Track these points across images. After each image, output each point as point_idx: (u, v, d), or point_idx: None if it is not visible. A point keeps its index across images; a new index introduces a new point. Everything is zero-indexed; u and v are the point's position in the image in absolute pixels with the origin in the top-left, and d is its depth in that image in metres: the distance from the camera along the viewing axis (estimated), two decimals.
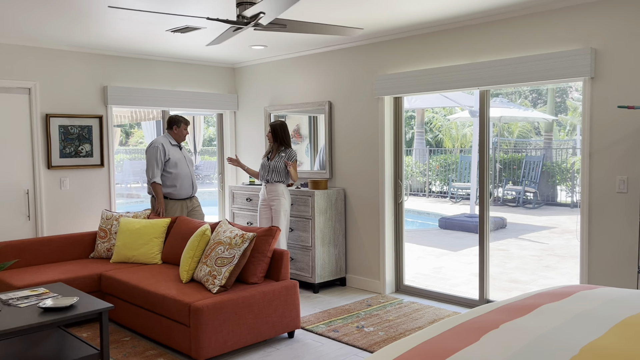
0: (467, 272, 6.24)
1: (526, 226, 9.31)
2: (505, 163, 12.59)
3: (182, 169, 5.11)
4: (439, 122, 16.25)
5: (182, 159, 5.16)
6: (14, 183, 4.93)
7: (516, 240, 8.14)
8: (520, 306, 1.99)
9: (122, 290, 4.06)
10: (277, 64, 6.03)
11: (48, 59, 5.09)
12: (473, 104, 9.27)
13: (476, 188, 9.50)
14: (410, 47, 4.81)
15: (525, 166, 11.90)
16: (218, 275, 3.65)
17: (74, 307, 3.23)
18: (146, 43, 5.11)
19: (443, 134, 16.24)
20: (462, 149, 14.68)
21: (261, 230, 3.95)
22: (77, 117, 5.26)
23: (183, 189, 5.12)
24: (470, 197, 10.07)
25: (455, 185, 12.51)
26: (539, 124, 14.75)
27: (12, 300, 3.36)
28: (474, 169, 9.27)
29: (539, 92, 16.39)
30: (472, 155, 10.39)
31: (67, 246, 4.77)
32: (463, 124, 15.40)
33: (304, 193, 5.17)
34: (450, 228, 9.02)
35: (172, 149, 5.12)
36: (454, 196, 12.43)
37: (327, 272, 5.23)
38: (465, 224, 8.84)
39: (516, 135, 15.08)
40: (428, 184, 13.48)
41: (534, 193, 11.46)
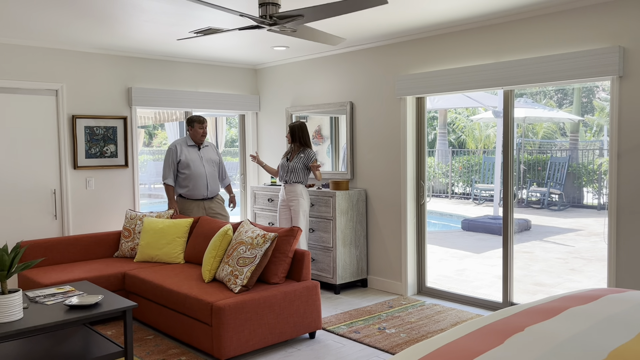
0: (491, 275, 6.15)
1: (551, 228, 9.15)
2: (529, 164, 12.40)
3: (196, 170, 5.12)
4: (461, 122, 16.09)
5: (197, 159, 5.16)
6: (41, 183, 5.04)
7: (541, 243, 8.01)
8: (545, 309, 1.95)
9: (145, 289, 4.11)
10: (299, 64, 6.04)
11: (74, 61, 5.19)
12: (497, 105, 9.15)
13: (500, 189, 9.38)
14: (433, 46, 4.77)
15: (550, 167, 11.70)
16: (240, 275, 3.67)
17: (99, 305, 3.28)
18: (169, 45, 5.17)
19: (466, 135, 16.07)
20: (485, 150, 14.50)
21: (282, 230, 3.96)
22: (102, 118, 5.35)
23: (196, 190, 5.14)
24: (493, 198, 9.93)
25: (479, 186, 12.37)
26: (565, 124, 14.50)
27: (39, 298, 3.43)
28: (497, 170, 9.15)
29: (565, 92, 16.11)
30: (495, 157, 10.25)
31: (92, 245, 4.85)
32: (486, 125, 15.22)
33: (325, 194, 5.17)
34: (473, 230, 8.91)
35: (188, 150, 5.15)
36: (477, 198, 12.29)
37: (348, 273, 5.22)
38: (489, 226, 8.73)
39: (541, 136, 14.85)
40: (450, 185, 13.35)
41: (560, 195, 11.26)
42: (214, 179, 5.24)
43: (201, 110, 6.14)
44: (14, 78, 4.84)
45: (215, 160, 5.31)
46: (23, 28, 4.41)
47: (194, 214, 5.15)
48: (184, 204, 5.18)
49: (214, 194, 5.25)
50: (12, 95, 4.86)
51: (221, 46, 5.29)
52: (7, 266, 2.96)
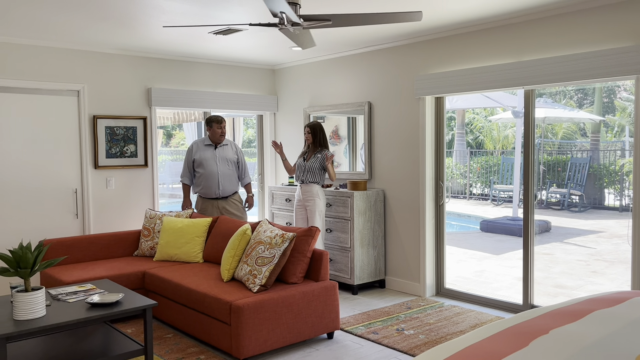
0: (510, 276, 6.08)
1: (572, 230, 9.02)
2: (549, 165, 12.24)
3: (209, 169, 5.15)
4: (479, 123, 15.95)
5: (211, 158, 5.18)
6: (63, 182, 5.11)
7: (561, 245, 7.89)
8: (570, 311, 1.92)
9: (164, 287, 4.14)
10: (317, 65, 6.04)
11: (96, 62, 5.25)
12: (516, 105, 9.04)
13: (519, 190, 9.27)
14: (452, 46, 4.73)
15: (570, 168, 11.54)
16: (258, 274, 3.68)
17: (120, 304, 3.31)
18: (188, 45, 5.21)
19: (484, 135, 15.93)
20: (503, 151, 14.35)
21: (301, 230, 3.96)
22: (122, 119, 5.41)
23: (209, 189, 5.17)
24: (512, 199, 9.82)
25: (497, 187, 12.24)
26: (585, 124, 14.29)
27: (62, 296, 3.47)
28: (516, 171, 9.04)
29: (585, 92, 15.87)
30: (514, 157, 10.14)
31: (112, 244, 4.91)
32: (505, 125, 15.06)
33: (343, 194, 5.16)
34: (492, 231, 8.82)
35: (203, 149, 5.19)
36: (496, 199, 12.17)
37: (366, 273, 5.20)
38: (508, 227, 8.63)
39: (560, 136, 14.65)
40: (469, 186, 13.24)
41: (580, 196, 11.10)
42: (227, 179, 5.22)
43: (219, 111, 6.17)
44: (37, 79, 4.91)
45: (233, 159, 5.31)
46: (46, 30, 4.48)
47: (209, 213, 5.19)
48: (201, 202, 5.23)
49: (226, 193, 5.25)
50: (35, 95, 4.94)
51: (239, 47, 5.31)
52: (30, 264, 3.01)
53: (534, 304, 4.44)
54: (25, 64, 4.86)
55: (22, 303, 2.99)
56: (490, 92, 5.60)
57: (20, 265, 3.00)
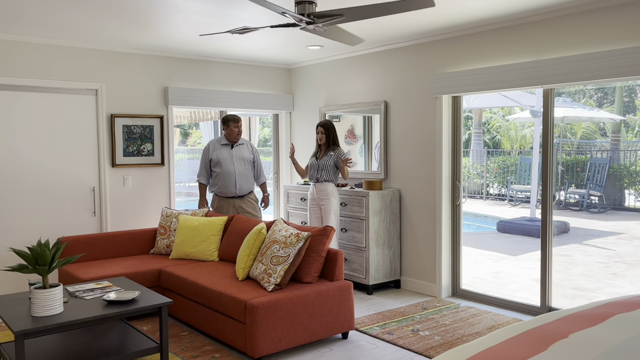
0: (528, 278, 6.01)
1: (591, 231, 8.88)
2: (567, 165, 12.08)
3: (226, 168, 5.18)
4: (497, 122, 15.79)
5: (229, 158, 5.21)
6: (81, 180, 5.16)
7: (580, 246, 7.77)
8: (590, 315, 1.88)
9: (180, 286, 4.16)
10: (333, 64, 6.02)
11: (113, 61, 5.30)
12: (534, 104, 8.93)
13: (537, 191, 9.15)
14: (470, 44, 4.68)
15: (590, 168, 11.36)
16: (273, 273, 3.68)
17: (136, 301, 3.33)
18: (205, 44, 5.23)
19: (501, 135, 15.76)
20: (521, 151, 14.19)
21: (316, 230, 3.95)
22: (139, 117, 5.45)
23: (225, 188, 5.20)
24: (530, 200, 9.69)
25: (515, 187, 12.11)
26: (605, 124, 14.06)
27: (79, 293, 3.51)
28: (534, 171, 8.93)
29: (605, 92, 15.61)
30: (532, 157, 10.02)
31: (129, 242, 4.95)
32: (522, 125, 14.89)
33: (358, 193, 5.14)
34: (509, 232, 8.72)
35: (220, 149, 5.22)
36: (513, 199, 12.04)
37: (381, 273, 5.17)
38: (525, 228, 8.53)
39: (579, 136, 14.44)
40: (485, 186, 13.11)
41: (599, 197, 10.93)
42: (244, 178, 5.25)
43: (236, 110, 6.19)
44: (56, 78, 4.97)
45: (249, 158, 5.33)
46: (65, 29, 4.53)
47: (225, 212, 5.21)
48: (217, 201, 5.26)
49: (243, 192, 5.27)
50: (55, 94, 5.00)
51: (256, 46, 5.31)
52: (48, 261, 3.04)
53: (551, 306, 4.38)
54: (44, 63, 4.92)
55: (40, 300, 3.03)
56: (508, 92, 5.53)
57: (38, 262, 3.03)
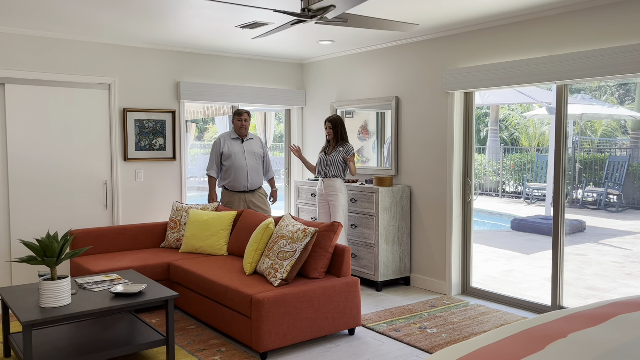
0: (540, 277, 5.92)
1: (607, 230, 8.72)
2: (585, 163, 11.88)
3: (237, 162, 5.20)
4: (515, 119, 15.59)
5: (240, 152, 5.23)
6: (94, 174, 5.22)
7: (595, 245, 7.64)
8: (592, 315, 1.85)
9: (188, 279, 4.18)
10: (345, 59, 6.00)
11: (126, 55, 5.34)
12: (551, 101, 8.79)
13: (552, 189, 9.03)
14: (482, 39, 4.62)
15: (608, 167, 11.16)
16: (280, 268, 3.68)
17: (142, 294, 3.36)
18: (217, 39, 5.24)
19: (519, 132, 15.56)
20: (539, 148, 13.99)
21: (323, 225, 3.94)
22: (151, 112, 5.48)
23: (237, 181, 5.22)
24: (545, 198, 9.56)
25: (531, 185, 11.96)
26: (626, 121, 13.80)
27: (87, 285, 3.55)
28: (550, 169, 8.79)
29: (627, 89, 15.31)
30: (549, 155, 9.88)
31: (139, 235, 4.99)
32: (541, 122, 14.67)
33: (368, 190, 5.11)
34: (523, 230, 8.61)
35: (231, 142, 5.24)
36: (529, 197, 11.89)
37: (390, 270, 5.15)
38: (540, 226, 8.41)
39: (600, 134, 14.19)
40: (501, 183, 12.97)
41: (618, 195, 10.73)
42: (255, 172, 5.28)
43: (247, 105, 6.20)
44: (69, 72, 5.03)
45: (259, 153, 5.35)
46: (78, 24, 4.57)
47: (235, 206, 5.23)
48: (227, 195, 5.28)
49: (254, 186, 5.29)
50: (68, 89, 5.05)
51: (268, 41, 5.31)
52: (56, 253, 3.08)
53: (562, 305, 4.31)
54: (57, 57, 4.97)
55: (48, 291, 3.07)
56: (522, 87, 5.45)
57: (46, 254, 3.07)
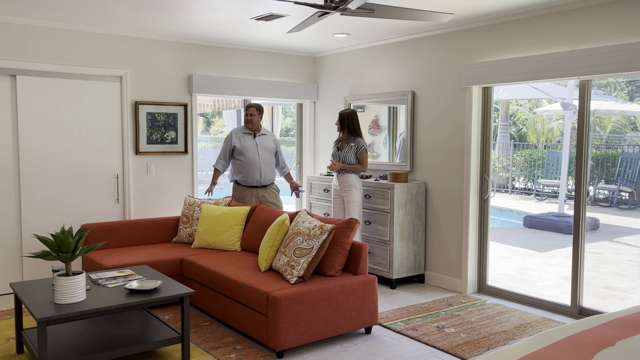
0: (556, 275, 5.83)
1: (622, 228, 8.61)
2: (597, 160, 11.75)
3: (250, 157, 5.14)
4: (523, 115, 15.45)
5: (253, 146, 5.17)
6: (105, 168, 5.16)
7: (610, 244, 7.54)
8: (637, 321, 1.76)
9: (202, 275, 4.12)
10: (359, 52, 5.90)
11: (138, 48, 5.26)
12: (565, 96, 8.66)
13: (566, 186, 8.92)
14: (503, 33, 4.52)
15: (621, 163, 11.03)
16: (296, 265, 3.61)
17: (158, 291, 3.30)
18: (230, 32, 5.15)
19: (527, 128, 15.42)
20: (547, 144, 13.85)
21: (340, 222, 3.86)
22: (163, 105, 5.41)
23: (250, 177, 5.15)
24: (559, 195, 9.43)
25: (542, 182, 11.84)
26: (636, 118, 13.64)
27: (102, 281, 3.49)
28: (564, 166, 8.68)
29: (638, 85, 15.12)
30: (562, 151, 9.76)
31: (152, 230, 4.93)
32: (549, 118, 14.52)
33: (383, 186, 5.03)
34: (536, 227, 8.51)
35: (243, 137, 5.18)
36: (540, 193, 11.77)
37: (405, 267, 5.07)
38: (553, 224, 8.30)
39: (609, 130, 14.04)
40: (511, 179, 12.85)
41: (631, 193, 10.61)
42: (268, 167, 5.23)
43: (259, 99, 6.12)
44: (80, 64, 4.96)
45: (272, 148, 5.29)
46: (91, 16, 4.50)
47: (247, 201, 5.16)
48: (239, 190, 5.21)
49: (267, 182, 5.23)
50: (80, 81, 4.99)
51: (281, 34, 5.22)
52: (71, 249, 3.02)
53: (582, 306, 4.23)
54: (69, 49, 4.90)
55: (63, 287, 3.01)
56: (540, 83, 5.34)
57: (61, 249, 3.01)
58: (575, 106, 8.18)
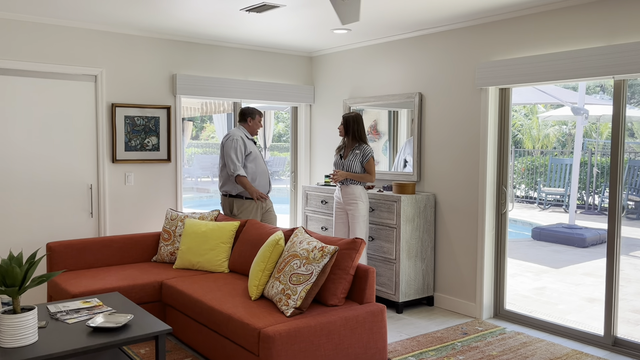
0: (577, 297, 5.32)
1: (636, 240, 8.13)
2: (603, 167, 11.32)
3: (260, 165, 4.68)
4: (519, 121, 15.04)
5: (259, 155, 4.71)
6: (78, 177, 4.61)
7: (627, 258, 7.03)
8: None
9: (184, 303, 3.58)
10: (361, 51, 5.39)
11: (115, 44, 4.72)
12: (576, 100, 8.19)
13: (576, 195, 8.44)
14: (523, 28, 4.03)
15: (628, 171, 10.60)
16: (293, 294, 3.08)
17: (127, 328, 2.75)
18: (218, 26, 4.63)
19: (522, 134, 15.00)
20: (542, 151, 13.42)
21: (343, 242, 3.34)
22: (144, 108, 4.87)
23: (262, 187, 4.67)
24: (569, 205, 8.92)
25: (545, 190, 11.39)
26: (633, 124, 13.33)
27: (61, 314, 2.94)
28: (574, 174, 8.19)
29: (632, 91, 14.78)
30: (573, 158, 9.29)
31: (128, 247, 4.38)
32: (545, 124, 14.12)
33: (388, 198, 4.51)
34: (546, 239, 8.00)
35: (249, 143, 4.65)
36: (543, 202, 11.32)
37: (412, 289, 4.55)
38: (564, 236, 7.80)
39: (605, 136, 13.66)
40: (512, 187, 12.40)
41: (638, 202, 10.16)
42: (270, 176, 4.85)
43: (250, 102, 5.59)
44: (50, 61, 4.41)
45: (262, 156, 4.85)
46: (61, 7, 3.95)
47: (251, 216, 4.62)
48: (243, 204, 4.62)
49: (270, 191, 4.85)
50: (48, 80, 4.44)
51: (274, 30, 4.70)
52: (18, 281, 2.47)
53: (617, 335, 3.72)
54: (37, 44, 4.36)
55: (9, 327, 2.47)
56: (545, 86, 4.85)
57: (6, 281, 2.46)
58: (587, 111, 7.72)
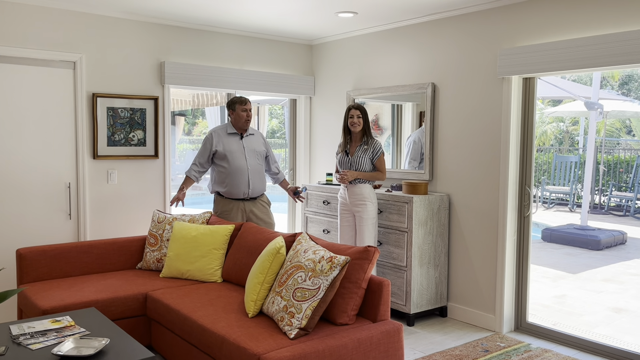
0: (602, 306, 4.90)
1: None
2: (609, 165, 10.98)
3: (236, 163, 4.12)
4: None
5: (238, 150, 4.16)
6: (54, 175, 4.15)
7: None
8: None
9: (171, 320, 3.14)
10: (366, 38, 4.96)
11: (96, 27, 4.26)
12: (590, 95, 7.79)
13: (589, 195, 8.05)
14: (551, 9, 3.61)
15: (636, 170, 10.25)
16: (297, 313, 2.65)
17: (101, 356, 2.31)
18: (211, 9, 4.18)
19: None
20: (539, 148, 13.06)
21: (354, 251, 2.91)
22: (128, 98, 4.42)
23: (236, 187, 4.13)
24: (582, 204, 8.52)
25: (549, 188, 11.03)
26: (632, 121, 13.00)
27: (24, 338, 2.49)
28: (587, 172, 7.80)
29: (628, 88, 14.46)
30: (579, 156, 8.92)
31: (110, 253, 3.93)
32: (542, 120, 13.76)
33: (398, 198, 4.09)
34: (557, 241, 7.60)
35: (227, 139, 4.16)
36: (546, 201, 10.96)
37: (424, 299, 4.14)
38: (577, 238, 7.40)
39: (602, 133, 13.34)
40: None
41: None
42: (258, 175, 4.21)
43: (245, 93, 5.14)
44: (23, 46, 3.94)
45: (262, 152, 4.30)
46: None
47: (232, 217, 4.16)
48: (222, 204, 4.20)
49: (257, 193, 4.23)
50: (21, 66, 3.97)
51: (274, 13, 4.26)
52: None
53: None
54: (6, 27, 3.89)
55: None
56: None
57: None
58: (601, 105, 7.33)
